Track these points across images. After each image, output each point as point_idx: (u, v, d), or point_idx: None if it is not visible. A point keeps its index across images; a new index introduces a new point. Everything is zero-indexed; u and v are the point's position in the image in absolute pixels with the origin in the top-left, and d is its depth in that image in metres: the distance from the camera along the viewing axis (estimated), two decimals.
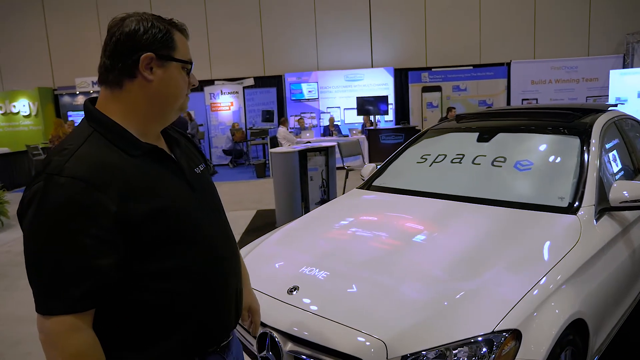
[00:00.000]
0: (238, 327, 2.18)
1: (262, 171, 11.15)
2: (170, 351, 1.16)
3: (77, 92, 14.26)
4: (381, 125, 12.89)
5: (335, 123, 13.16)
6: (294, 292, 1.99)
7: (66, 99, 14.52)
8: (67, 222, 0.98)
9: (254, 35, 14.34)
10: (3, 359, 3.28)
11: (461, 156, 3.04)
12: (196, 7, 14.14)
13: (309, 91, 13.96)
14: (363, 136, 11.81)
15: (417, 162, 3.26)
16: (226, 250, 1.30)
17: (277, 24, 14.26)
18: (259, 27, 14.31)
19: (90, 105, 1.16)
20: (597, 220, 2.37)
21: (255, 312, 1.57)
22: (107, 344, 1.08)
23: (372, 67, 14.21)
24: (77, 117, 14.12)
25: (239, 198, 8.74)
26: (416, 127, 11.66)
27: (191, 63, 1.21)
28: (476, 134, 3.20)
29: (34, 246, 1.02)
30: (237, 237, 5.92)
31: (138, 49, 1.10)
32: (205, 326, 1.22)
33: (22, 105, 14.08)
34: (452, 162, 3.05)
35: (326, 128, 13.09)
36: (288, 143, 10.26)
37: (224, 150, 13.67)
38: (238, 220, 6.86)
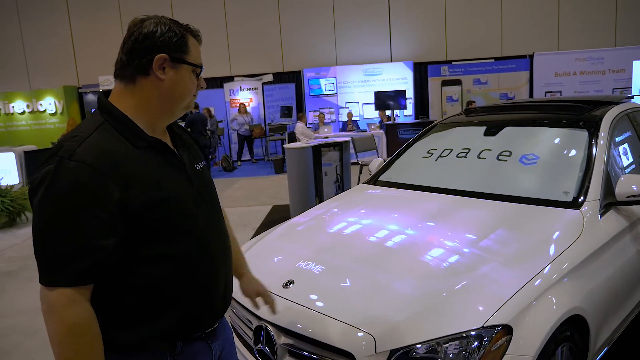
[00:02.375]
0: (238, 320, 2.22)
1: (280, 167, 11.20)
2: (156, 333, 1.22)
3: (101, 90, 14.50)
4: (400, 120, 12.79)
5: (353, 118, 13.13)
6: (290, 286, 2.01)
7: (90, 97, 14.83)
8: (74, 202, 1.07)
9: (273, 31, 14.38)
10: (21, 348, 3.40)
11: (467, 150, 3.01)
12: (215, 4, 14.25)
13: (328, 86, 13.94)
14: (381, 131, 11.75)
15: (423, 157, 3.24)
16: (218, 244, 1.36)
17: (296, 19, 14.26)
18: (277, 23, 14.34)
19: (103, 97, 1.25)
20: (602, 215, 2.32)
21: (264, 293, 1.68)
22: (99, 323, 1.15)
23: (391, 61, 14.08)
24: None
25: (256, 193, 8.81)
26: (434, 122, 11.51)
27: (201, 67, 1.30)
28: (484, 128, 3.16)
29: (42, 223, 1.09)
30: (252, 232, 5.98)
31: (153, 50, 1.20)
32: (191, 313, 1.28)
33: (49, 104, 14.43)
34: (457, 156, 3.02)
35: (344, 123, 13.06)
36: (306, 138, 10.27)
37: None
38: (254, 215, 6.93)
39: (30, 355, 3.29)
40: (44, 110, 14.50)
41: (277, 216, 6.76)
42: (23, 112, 14.58)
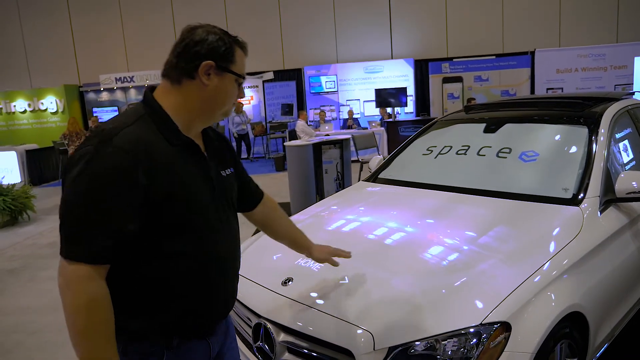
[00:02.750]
0: (237, 318, 2.22)
1: (281, 164, 11.20)
2: (155, 325, 1.27)
3: (102, 89, 14.56)
4: (401, 117, 12.77)
5: (354, 116, 13.11)
6: (289, 284, 2.01)
7: (91, 96, 14.85)
8: (106, 184, 1.12)
9: (274, 29, 14.37)
10: (22, 347, 3.41)
11: (466, 147, 3.00)
12: (216, 2, 14.24)
13: (328, 83, 13.93)
14: (382, 129, 11.73)
15: (423, 154, 3.23)
16: (229, 250, 1.41)
17: (296, 17, 14.25)
18: (278, 20, 14.33)
19: (149, 92, 1.32)
20: (601, 212, 2.32)
21: (337, 251, 1.83)
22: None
23: (391, 58, 14.06)
24: (101, 113, 14.44)
25: None
26: (435, 119, 11.48)
27: (244, 78, 1.36)
28: (483, 125, 3.16)
29: (73, 198, 1.14)
30: (253, 229, 5.98)
31: (202, 56, 1.26)
32: (191, 311, 1.32)
33: (50, 102, 14.45)
34: (457, 153, 3.02)
35: (345, 121, 13.05)
36: (307, 136, 10.26)
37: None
38: None
39: (30, 354, 3.30)
40: (45, 109, 14.52)
41: None
42: (24, 111, 14.61)
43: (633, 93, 3.65)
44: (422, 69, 13.97)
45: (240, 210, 1.64)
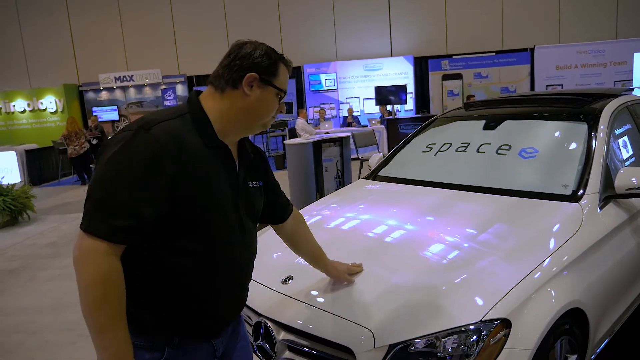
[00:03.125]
0: None
1: (281, 163, 11.19)
2: (159, 321, 1.29)
3: (101, 88, 14.55)
4: (401, 115, 12.76)
5: (354, 114, 13.10)
6: (289, 282, 2.01)
7: (90, 95, 14.84)
8: (137, 167, 1.17)
9: (273, 27, 14.35)
10: (22, 347, 3.41)
11: (466, 145, 3.00)
12: (215, 1, 14.22)
13: (328, 81, 13.92)
14: (382, 126, 11.72)
15: (423, 152, 3.23)
16: (242, 255, 1.43)
17: (296, 15, 14.23)
18: (277, 19, 14.31)
19: (194, 94, 1.38)
20: (601, 208, 2.32)
21: (352, 268, 1.92)
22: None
23: (391, 56, 14.05)
24: (101, 112, 14.44)
25: None
26: (435, 116, 11.48)
27: (285, 93, 1.41)
28: (483, 122, 3.15)
29: (103, 175, 1.18)
30: None
31: (247, 69, 1.32)
32: (195, 312, 1.33)
33: (49, 102, 14.45)
34: (456, 151, 3.02)
35: (345, 119, 13.04)
36: (306, 134, 10.25)
37: None
38: None
39: (31, 354, 3.30)
40: (45, 109, 14.51)
41: None
42: (24, 111, 14.61)
43: (632, 89, 3.64)
44: (421, 66, 13.96)
45: (269, 222, 1.76)
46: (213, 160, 1.30)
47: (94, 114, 14.12)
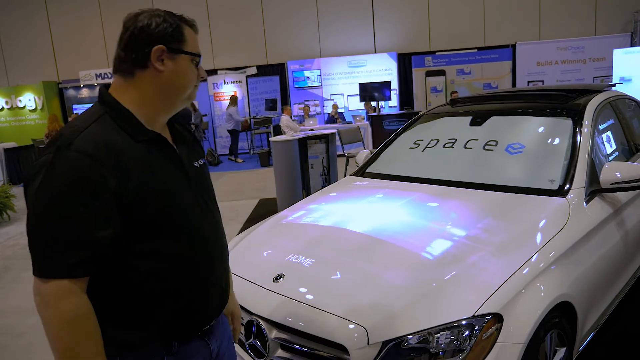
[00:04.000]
0: None
1: (265, 160, 11.15)
2: (152, 331, 1.21)
3: (82, 85, 14.30)
4: (385, 111, 12.81)
5: (338, 110, 13.10)
6: (280, 280, 2.00)
7: (71, 92, 14.58)
8: (71, 192, 1.06)
9: (256, 23, 14.25)
10: (7, 350, 3.35)
11: (453, 141, 3.02)
12: None
13: (310, 78, 13.89)
14: (366, 123, 11.75)
15: (410, 148, 3.24)
16: (215, 242, 1.35)
17: (279, 11, 14.14)
18: (260, 15, 14.22)
19: (104, 89, 1.25)
20: (587, 202, 2.35)
21: (237, 318, 1.60)
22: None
23: (375, 52, 14.06)
24: (82, 110, 14.13)
25: (242, 187, 8.77)
26: (420, 112, 11.55)
27: (199, 56, 1.29)
28: (469, 118, 3.18)
29: (38, 212, 1.08)
30: (239, 226, 5.96)
31: (150, 42, 1.19)
32: (186, 311, 1.27)
33: (28, 100, 14.14)
34: (444, 147, 3.03)
35: (329, 115, 13.03)
36: (291, 131, 10.20)
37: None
38: (240, 209, 6.89)
39: (17, 356, 3.24)
40: (24, 107, 14.21)
41: (264, 210, 6.74)
42: (2, 109, 14.28)
43: (614, 85, 3.71)
44: (405, 63, 14.01)
45: None
46: (151, 154, 1.20)
47: (75, 111, 13.88)
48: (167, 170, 1.23)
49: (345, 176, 3.50)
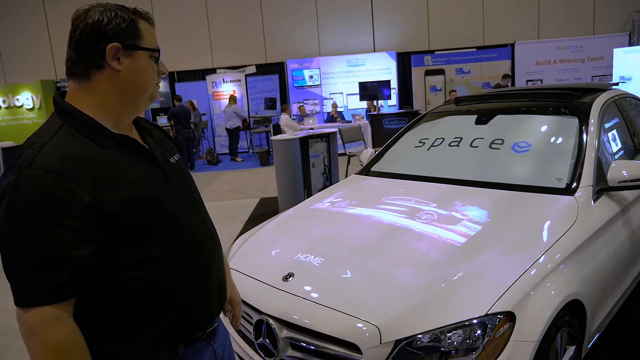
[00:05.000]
0: None
1: (265, 159, 11.14)
2: (154, 341, 1.17)
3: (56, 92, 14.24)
4: (384, 110, 12.81)
5: (338, 109, 13.09)
6: (290, 279, 2.00)
7: None
8: (40, 213, 0.99)
9: (255, 22, 14.23)
10: (10, 349, 3.33)
11: (459, 139, 3.02)
12: None
13: (311, 77, 13.88)
14: (366, 122, 11.75)
15: (415, 147, 3.24)
16: (206, 238, 1.30)
17: (278, 10, 14.13)
18: (259, 13, 14.19)
19: (59, 98, 1.16)
20: (595, 200, 2.35)
21: (237, 303, 1.56)
22: (88, 336, 1.09)
23: (374, 51, 14.06)
24: None
25: (242, 186, 8.75)
26: (419, 111, 11.58)
27: (159, 51, 1.21)
28: (474, 117, 3.17)
29: (9, 240, 1.01)
30: (240, 225, 5.94)
31: (103, 40, 1.11)
32: (187, 313, 1.23)
33: (26, 99, 14.06)
34: (450, 145, 3.03)
35: (329, 114, 13.03)
36: (291, 130, 10.21)
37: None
38: (241, 209, 6.88)
39: (20, 357, 3.23)
40: (21, 106, 14.13)
41: (266, 209, 6.73)
42: None
43: (617, 84, 3.71)
44: (404, 62, 14.02)
45: None
46: (123, 158, 1.13)
47: None
48: (144, 172, 1.17)
49: (347, 175, 3.49)
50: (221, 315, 1.45)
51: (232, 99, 12.43)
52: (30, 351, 1.03)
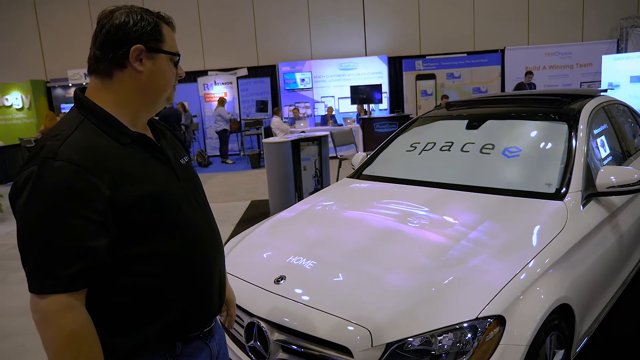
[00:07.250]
0: None
1: (256, 161, 11.12)
2: (153, 336, 1.19)
3: (70, 84, 14.13)
4: (375, 114, 12.85)
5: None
6: (281, 282, 1.99)
7: (59, 92, 14.40)
8: (61, 204, 1.02)
9: (247, 24, 14.22)
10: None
11: (450, 144, 3.04)
12: None
13: (303, 80, 13.90)
14: (357, 125, 11.79)
15: (407, 151, 3.26)
16: (210, 239, 1.33)
17: (270, 13, 14.14)
18: (252, 16, 14.19)
19: (80, 94, 1.19)
20: (584, 205, 2.38)
21: (232, 304, 1.58)
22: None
23: (366, 55, 14.12)
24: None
25: (233, 189, 8.73)
26: (410, 116, 11.63)
27: (179, 55, 1.25)
28: (465, 122, 3.20)
29: (29, 227, 1.04)
30: (231, 228, 5.93)
31: (128, 41, 1.15)
32: (188, 311, 1.25)
33: (15, 98, 13.94)
34: (441, 149, 3.05)
35: (323, 118, 13.04)
36: (282, 133, 10.22)
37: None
38: (232, 211, 6.86)
39: (8, 358, 3.18)
40: (10, 105, 14.00)
41: (257, 211, 6.72)
42: None
43: (605, 90, 3.77)
44: (395, 66, 14.08)
45: None
46: (139, 156, 1.17)
47: (63, 111, 13.71)
48: (157, 171, 1.20)
49: (338, 178, 3.50)
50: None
51: (220, 101, 12.37)
52: (44, 337, 1.04)
